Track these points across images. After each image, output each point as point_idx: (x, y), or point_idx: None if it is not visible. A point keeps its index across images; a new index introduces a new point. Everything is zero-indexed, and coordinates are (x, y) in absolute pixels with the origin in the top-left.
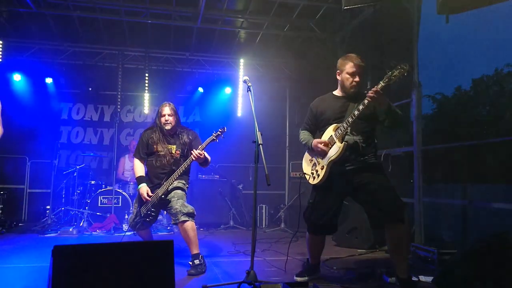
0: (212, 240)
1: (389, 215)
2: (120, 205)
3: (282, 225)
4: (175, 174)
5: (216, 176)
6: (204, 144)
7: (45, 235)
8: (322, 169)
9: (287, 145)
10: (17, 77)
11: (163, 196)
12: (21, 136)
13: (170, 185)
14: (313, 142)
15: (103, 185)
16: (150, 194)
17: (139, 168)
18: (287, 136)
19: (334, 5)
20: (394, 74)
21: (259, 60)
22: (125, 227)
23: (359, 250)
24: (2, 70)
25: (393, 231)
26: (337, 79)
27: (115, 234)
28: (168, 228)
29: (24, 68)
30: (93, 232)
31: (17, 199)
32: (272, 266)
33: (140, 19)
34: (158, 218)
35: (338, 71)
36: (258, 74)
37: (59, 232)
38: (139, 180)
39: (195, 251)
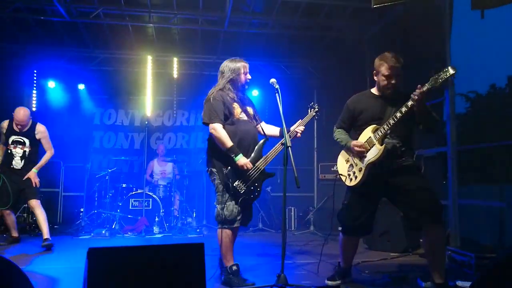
0: (241, 242)
1: (428, 216)
2: (150, 207)
3: (312, 228)
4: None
5: None
6: (305, 121)
7: (79, 237)
8: (360, 171)
9: (315, 146)
10: (51, 84)
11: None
12: (55, 141)
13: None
14: (351, 144)
15: (134, 188)
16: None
17: (227, 136)
18: (315, 138)
19: (362, 4)
20: (441, 77)
21: (285, 61)
22: (155, 229)
23: (391, 254)
24: (37, 78)
25: (432, 232)
26: (366, 78)
27: (146, 236)
28: (198, 230)
29: (58, 75)
30: (125, 234)
31: (52, 202)
32: (303, 269)
33: (168, 24)
34: (188, 220)
35: (374, 71)
36: (284, 76)
37: (92, 234)
38: (234, 149)
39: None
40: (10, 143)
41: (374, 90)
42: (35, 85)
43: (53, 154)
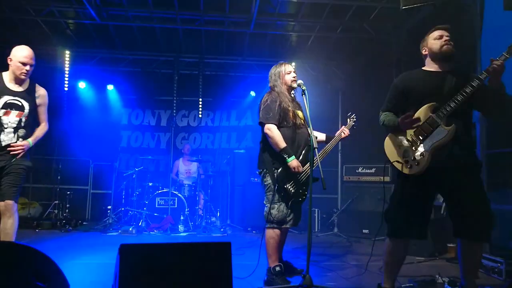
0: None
1: (478, 233)
2: (176, 206)
3: (335, 230)
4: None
5: None
6: (348, 126)
7: (107, 234)
8: (422, 156)
9: (339, 148)
10: (82, 85)
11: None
12: (85, 140)
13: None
14: (400, 119)
15: (160, 187)
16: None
17: (281, 137)
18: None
19: (389, 5)
20: None
21: (311, 63)
22: (180, 228)
23: (417, 258)
24: (69, 78)
25: (474, 247)
26: (393, 80)
27: (172, 235)
28: (222, 229)
29: (88, 76)
30: (151, 232)
31: (81, 199)
32: (328, 271)
33: (195, 26)
34: (212, 219)
35: (423, 47)
36: (310, 77)
37: (119, 231)
38: (287, 150)
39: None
40: (0, 106)
41: (426, 67)
42: (66, 85)
43: (48, 129)
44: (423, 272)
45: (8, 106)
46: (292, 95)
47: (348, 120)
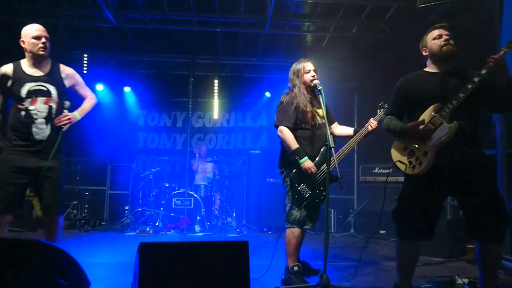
0: (281, 243)
1: (493, 234)
2: (192, 206)
3: (352, 230)
4: (345, 150)
5: None
6: (376, 119)
7: (125, 234)
8: (425, 155)
9: (355, 148)
10: (99, 87)
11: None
12: (103, 142)
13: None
14: (408, 125)
15: (176, 188)
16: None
17: (293, 138)
18: None
19: (405, 3)
20: None
21: (326, 63)
22: (197, 228)
23: (435, 259)
24: (86, 81)
25: (492, 249)
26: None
27: (188, 235)
28: (238, 230)
29: (105, 78)
30: (168, 232)
31: (99, 200)
32: (344, 271)
33: (210, 28)
34: (227, 219)
35: (423, 48)
36: (325, 78)
37: (137, 231)
38: (299, 152)
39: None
40: (24, 96)
41: (428, 69)
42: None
43: (96, 101)
44: (441, 273)
45: (32, 94)
46: (311, 95)
47: (378, 110)
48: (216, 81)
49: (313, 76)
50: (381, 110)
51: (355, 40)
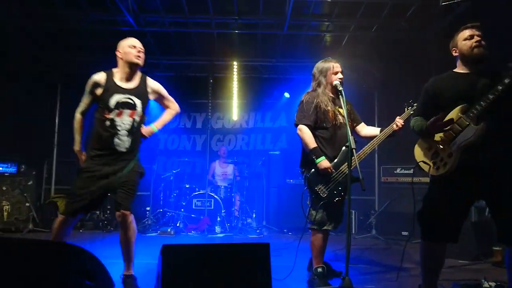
0: (303, 244)
1: None
2: (212, 207)
3: (373, 232)
4: (367, 149)
5: None
6: (402, 117)
7: (146, 234)
8: (449, 156)
9: (376, 149)
10: None
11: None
12: None
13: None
14: (428, 122)
15: (197, 189)
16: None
17: (312, 137)
18: None
19: (426, 1)
20: None
21: (345, 63)
22: (217, 229)
23: (460, 261)
24: None
25: None
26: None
27: (209, 236)
28: (258, 231)
29: None
30: (189, 233)
31: None
32: (367, 273)
33: (229, 29)
34: (247, 220)
35: (453, 48)
36: (345, 77)
37: (158, 232)
38: (316, 151)
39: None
40: (112, 107)
41: (457, 69)
42: None
43: (178, 111)
44: (467, 276)
45: (120, 106)
46: (335, 95)
47: (406, 109)
48: (235, 82)
49: (341, 79)
50: (408, 108)
51: (375, 39)
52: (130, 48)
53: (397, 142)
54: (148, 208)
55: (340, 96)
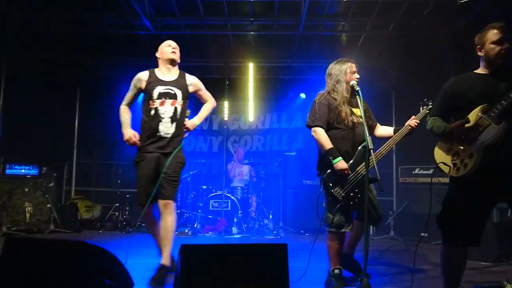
0: (319, 245)
1: None
2: (229, 208)
3: (392, 233)
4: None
5: None
6: (418, 117)
7: None
8: (470, 157)
9: (393, 149)
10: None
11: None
12: None
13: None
14: (452, 125)
15: (214, 190)
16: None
17: (327, 139)
18: None
19: (442, 1)
20: None
21: (361, 62)
22: (234, 230)
23: (481, 263)
24: (127, 87)
25: None
26: (449, 78)
27: (226, 236)
28: (275, 232)
29: None
30: (206, 234)
31: None
32: (385, 275)
33: (244, 31)
34: (264, 221)
35: (478, 46)
36: (361, 77)
37: (176, 233)
38: (332, 152)
39: None
40: (155, 97)
41: (479, 70)
42: (125, 94)
43: (215, 105)
44: (489, 278)
45: (162, 96)
46: (350, 95)
47: (421, 108)
48: (251, 83)
49: (357, 79)
50: (424, 107)
51: (392, 38)
52: (166, 47)
53: (415, 142)
54: None
55: (356, 95)
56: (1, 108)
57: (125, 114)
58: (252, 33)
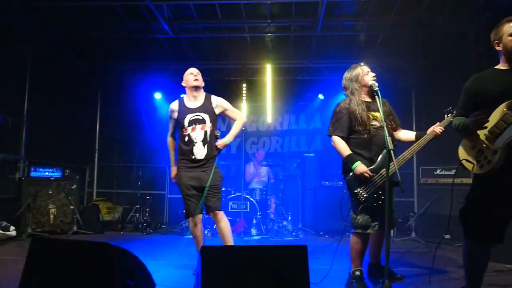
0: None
1: None
2: (248, 210)
3: (413, 235)
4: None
5: (340, 182)
6: (443, 124)
7: (185, 236)
8: (494, 154)
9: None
10: (157, 96)
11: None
12: (161, 147)
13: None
14: (470, 117)
15: (232, 191)
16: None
17: (345, 146)
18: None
19: None
20: None
21: (380, 62)
22: (253, 231)
23: (507, 265)
24: (145, 90)
25: None
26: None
27: (245, 238)
28: (294, 233)
29: (163, 87)
30: None
31: (159, 204)
32: (408, 276)
33: (262, 33)
34: (283, 223)
35: (495, 41)
36: (380, 77)
37: None
38: (350, 158)
39: None
40: (186, 125)
41: (499, 66)
42: (144, 97)
43: (245, 121)
44: None
45: (192, 123)
46: (371, 98)
47: (446, 116)
48: (268, 85)
49: (374, 77)
50: (449, 115)
51: (412, 36)
52: (189, 75)
53: (436, 142)
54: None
55: (376, 96)
56: (25, 113)
57: (171, 149)
58: (269, 34)
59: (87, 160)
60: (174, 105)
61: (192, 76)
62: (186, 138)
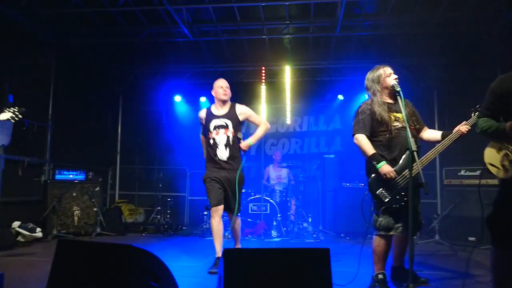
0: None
1: None
2: (268, 212)
3: (437, 237)
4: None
5: (361, 184)
6: (469, 123)
7: (205, 238)
8: None
9: None
10: (177, 98)
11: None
12: (181, 150)
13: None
14: (508, 123)
15: (252, 193)
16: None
17: (369, 145)
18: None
19: None
20: None
21: (402, 62)
22: (273, 233)
23: None
24: (165, 93)
25: None
26: (497, 74)
27: (265, 240)
28: (314, 235)
29: (182, 90)
30: (245, 237)
31: (180, 205)
32: (432, 280)
33: (280, 35)
34: (304, 225)
35: None
36: (402, 77)
37: None
38: (375, 157)
39: None
40: (211, 129)
41: None
42: (164, 100)
43: (268, 127)
44: None
45: (216, 128)
46: (393, 99)
47: (472, 114)
48: (287, 86)
49: (396, 79)
50: (475, 114)
51: (434, 35)
52: (219, 88)
53: (460, 143)
54: (205, 213)
55: (398, 97)
56: (50, 117)
57: (203, 144)
58: (288, 36)
59: (110, 162)
60: (202, 113)
61: (222, 90)
62: (211, 141)
